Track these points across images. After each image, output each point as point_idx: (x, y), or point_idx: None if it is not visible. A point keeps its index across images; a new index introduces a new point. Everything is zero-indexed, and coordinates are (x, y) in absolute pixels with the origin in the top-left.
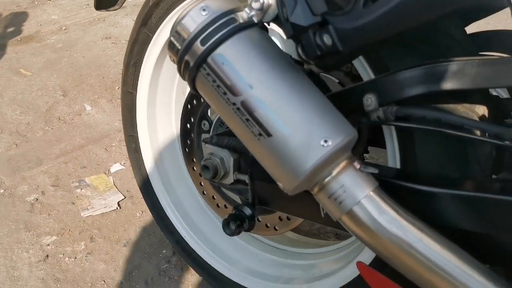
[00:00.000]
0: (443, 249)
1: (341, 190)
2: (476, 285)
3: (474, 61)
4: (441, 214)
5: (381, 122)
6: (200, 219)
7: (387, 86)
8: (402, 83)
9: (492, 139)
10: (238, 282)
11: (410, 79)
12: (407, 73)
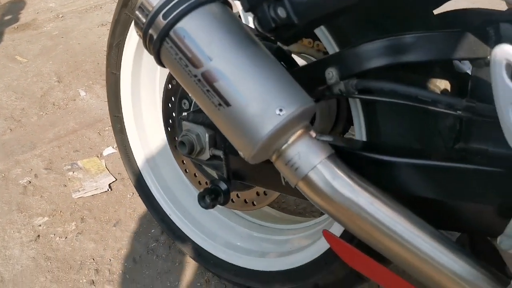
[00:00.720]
0: (394, 213)
1: (297, 157)
2: (426, 246)
3: (431, 35)
4: (402, 182)
5: (343, 95)
6: (184, 197)
7: (348, 60)
8: (362, 56)
9: (445, 109)
10: (216, 255)
11: (369, 52)
12: (367, 46)
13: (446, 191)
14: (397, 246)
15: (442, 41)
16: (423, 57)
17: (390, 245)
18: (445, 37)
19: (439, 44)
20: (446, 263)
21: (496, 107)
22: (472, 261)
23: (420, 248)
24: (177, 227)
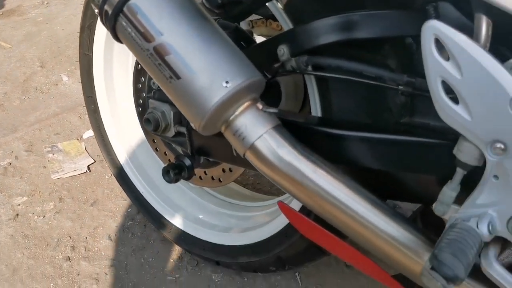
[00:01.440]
0: (335, 180)
1: (244, 127)
2: (363, 211)
3: (378, 13)
4: (352, 154)
5: (294, 71)
6: (156, 175)
7: (298, 37)
8: (312, 34)
9: (388, 84)
10: (186, 231)
11: (319, 29)
12: (317, 23)
13: (391, 162)
14: (337, 211)
15: (388, 19)
16: (369, 34)
17: (332, 210)
18: (390, 15)
19: (385, 22)
20: (382, 226)
21: (427, 81)
22: (407, 225)
23: (358, 212)
24: (150, 205)
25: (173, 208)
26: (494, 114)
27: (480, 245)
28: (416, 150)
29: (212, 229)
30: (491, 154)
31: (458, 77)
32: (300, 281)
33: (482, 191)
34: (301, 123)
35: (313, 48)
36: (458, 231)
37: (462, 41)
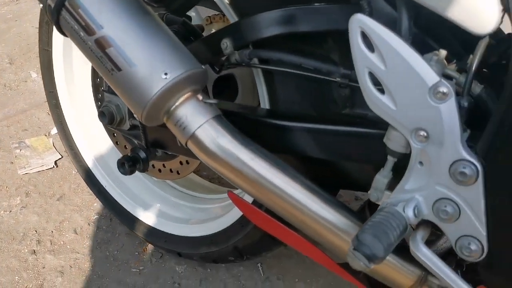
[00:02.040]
0: (273, 167)
1: (184, 117)
2: (300, 196)
3: (318, 7)
4: (298, 144)
5: (238, 64)
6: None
7: (241, 30)
8: (253, 27)
9: (326, 76)
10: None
11: (261, 22)
12: (259, 17)
13: (334, 152)
14: (275, 197)
15: (328, 13)
16: (309, 28)
17: (270, 196)
18: (330, 10)
19: (325, 16)
20: (317, 210)
21: (356, 72)
22: (342, 209)
23: (294, 197)
24: (113, 199)
25: (136, 201)
26: (415, 103)
27: (404, 228)
28: (355, 140)
29: (173, 221)
30: (415, 142)
31: (383, 68)
32: (262, 272)
33: (409, 177)
34: (245, 114)
35: (255, 41)
36: (383, 214)
37: (384, 33)
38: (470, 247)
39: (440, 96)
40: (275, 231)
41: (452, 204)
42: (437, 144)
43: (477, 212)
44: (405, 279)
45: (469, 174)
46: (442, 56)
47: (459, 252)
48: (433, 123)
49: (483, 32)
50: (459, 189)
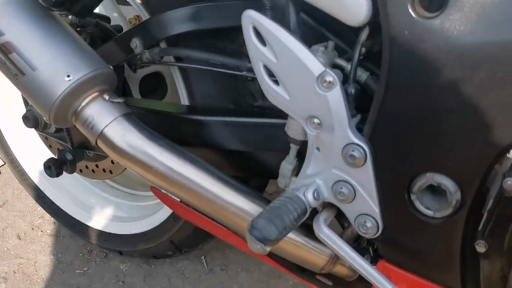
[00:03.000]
0: (181, 160)
1: (91, 117)
2: (208, 186)
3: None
4: (213, 138)
5: (150, 62)
6: None
7: (149, 29)
8: (160, 25)
9: (233, 71)
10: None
11: (167, 20)
12: (165, 15)
13: (250, 143)
14: (186, 188)
15: (232, 9)
16: (215, 24)
17: (181, 188)
18: (234, 6)
19: (230, 12)
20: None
21: (252, 65)
22: (252, 197)
23: (204, 187)
24: (52, 202)
25: (76, 203)
26: (305, 92)
27: (303, 211)
28: (264, 130)
29: (112, 220)
30: (310, 129)
31: (274, 61)
32: (206, 264)
33: (309, 162)
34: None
35: (165, 39)
36: (282, 199)
37: (273, 28)
38: (366, 225)
39: (326, 85)
40: (197, 221)
41: (347, 186)
42: (329, 130)
43: (369, 192)
44: (318, 259)
45: (357, 156)
46: (330, 47)
47: (358, 230)
48: (323, 111)
49: (355, 23)
50: (352, 171)
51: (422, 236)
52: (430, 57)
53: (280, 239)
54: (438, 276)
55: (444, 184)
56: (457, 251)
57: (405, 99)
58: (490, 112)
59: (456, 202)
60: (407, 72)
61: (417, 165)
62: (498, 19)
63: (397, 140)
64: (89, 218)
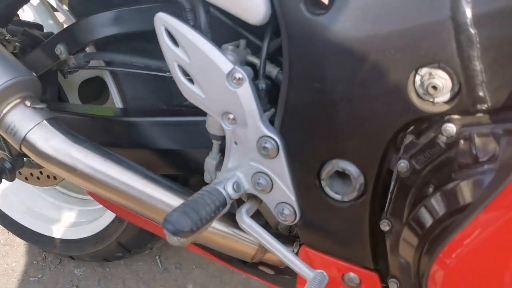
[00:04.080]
0: (106, 161)
1: (13, 124)
2: (135, 184)
3: (147, 7)
4: (147, 138)
5: (77, 68)
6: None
7: (73, 35)
8: (84, 30)
9: (156, 72)
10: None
11: (90, 25)
12: (88, 20)
13: (180, 141)
14: (111, 188)
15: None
16: (136, 27)
17: (107, 188)
18: (154, 9)
19: (150, 15)
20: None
21: (168, 66)
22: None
23: (130, 185)
24: (1, 211)
25: (25, 210)
26: (218, 90)
27: (223, 203)
28: (193, 128)
29: (62, 226)
30: (226, 124)
31: (187, 61)
32: (160, 264)
33: (229, 157)
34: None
35: (89, 44)
36: (200, 192)
37: (183, 29)
38: (284, 212)
39: (236, 82)
40: (132, 219)
41: (264, 177)
42: (243, 124)
43: (285, 181)
44: (248, 249)
45: (270, 148)
46: (242, 45)
47: (278, 217)
48: (235, 106)
49: (256, 21)
50: (267, 162)
51: (334, 220)
52: (323, 51)
53: (195, 230)
54: (353, 256)
55: (348, 169)
56: (366, 231)
57: (305, 92)
58: (378, 100)
59: (360, 185)
60: (305, 66)
61: (323, 153)
62: (379, 14)
63: (303, 130)
64: (38, 225)
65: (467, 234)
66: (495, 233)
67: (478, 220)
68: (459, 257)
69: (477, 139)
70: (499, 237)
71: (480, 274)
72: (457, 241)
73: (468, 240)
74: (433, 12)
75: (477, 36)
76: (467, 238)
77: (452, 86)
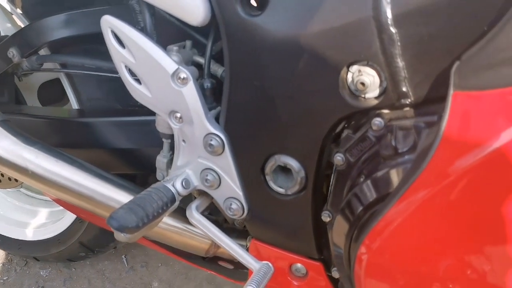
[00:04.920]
0: (56, 161)
1: None
2: (86, 183)
3: (95, 10)
4: (102, 138)
5: (30, 70)
6: None
7: (24, 38)
8: (35, 33)
9: (106, 72)
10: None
11: (42, 28)
12: (38, 24)
13: (135, 140)
14: (63, 188)
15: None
16: (87, 30)
17: (57, 187)
18: (105, 12)
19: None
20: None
21: (116, 67)
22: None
23: (83, 184)
24: None
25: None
26: (164, 89)
27: (171, 199)
28: (145, 127)
29: (25, 227)
30: (174, 123)
31: (134, 62)
32: (126, 262)
33: (178, 154)
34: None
35: (42, 47)
36: (148, 190)
37: (129, 31)
38: (232, 207)
39: (181, 81)
40: (91, 219)
41: (212, 173)
42: (189, 122)
43: (231, 177)
44: (202, 244)
45: (215, 145)
46: (188, 46)
47: (227, 212)
48: (181, 105)
49: (197, 23)
50: (214, 159)
51: (280, 213)
52: (260, 50)
53: (141, 226)
54: (298, 247)
55: (289, 164)
56: (310, 223)
57: (246, 90)
58: (313, 96)
59: (301, 179)
60: (244, 65)
61: (266, 149)
62: (310, 14)
63: (246, 127)
64: (2, 228)
65: (386, 220)
66: (411, 219)
67: (396, 208)
68: (381, 241)
69: (398, 132)
70: (414, 222)
71: (398, 256)
72: (379, 227)
73: (388, 225)
74: (358, 11)
75: (397, 34)
76: (387, 224)
77: (380, 82)
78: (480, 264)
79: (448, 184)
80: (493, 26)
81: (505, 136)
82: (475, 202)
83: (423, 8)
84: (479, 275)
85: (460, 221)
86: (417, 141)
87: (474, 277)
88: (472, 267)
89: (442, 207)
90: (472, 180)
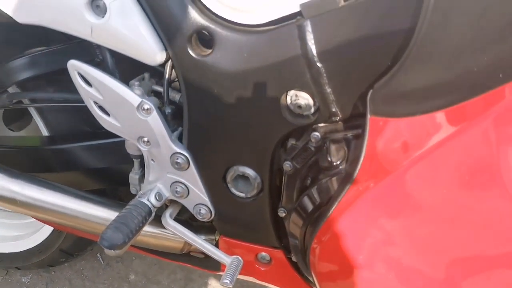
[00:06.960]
0: (41, 189)
1: None
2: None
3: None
4: (75, 161)
5: (3, 107)
6: None
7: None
8: (3, 75)
9: (74, 103)
10: None
11: (8, 70)
12: (6, 66)
13: (104, 161)
14: (50, 212)
15: (63, 53)
16: (49, 68)
17: (46, 212)
18: (65, 50)
19: (61, 56)
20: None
21: (85, 102)
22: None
23: (69, 207)
24: None
25: None
26: (131, 120)
27: (148, 212)
28: (116, 149)
29: (4, 240)
30: (142, 146)
31: (101, 98)
32: (102, 260)
33: (149, 171)
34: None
35: (8, 87)
36: (128, 207)
37: (93, 72)
38: (201, 212)
39: (145, 112)
40: (69, 230)
41: (181, 185)
42: (156, 145)
43: (198, 187)
44: (176, 244)
45: (181, 162)
46: (147, 78)
47: (197, 216)
48: (147, 132)
49: (155, 64)
50: (182, 173)
51: (242, 213)
52: (211, 84)
53: (128, 242)
54: (261, 239)
55: (247, 172)
56: (269, 218)
57: (202, 115)
58: (261, 117)
59: (257, 184)
60: (198, 96)
61: (225, 162)
62: (250, 54)
63: (207, 145)
64: None
65: (332, 220)
66: (349, 219)
67: (337, 210)
68: (329, 236)
69: (331, 145)
70: (352, 221)
71: (342, 246)
72: (326, 226)
73: (333, 223)
74: (290, 50)
75: (323, 68)
76: (332, 222)
77: (314, 103)
78: (390, 257)
79: (372, 191)
80: (396, 61)
81: (407, 157)
82: (393, 205)
83: (341, 47)
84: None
85: (382, 220)
86: (347, 154)
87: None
88: (384, 258)
89: (369, 210)
90: (387, 187)
